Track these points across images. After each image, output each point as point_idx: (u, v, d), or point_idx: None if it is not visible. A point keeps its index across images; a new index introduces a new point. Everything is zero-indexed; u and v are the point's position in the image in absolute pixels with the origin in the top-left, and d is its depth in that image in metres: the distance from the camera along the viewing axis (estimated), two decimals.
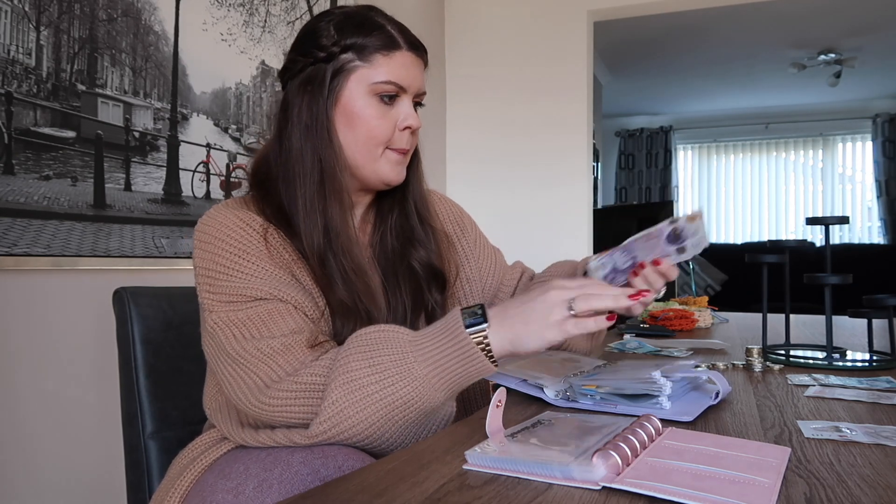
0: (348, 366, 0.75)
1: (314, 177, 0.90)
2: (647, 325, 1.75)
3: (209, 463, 0.85)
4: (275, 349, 0.79)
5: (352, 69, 0.91)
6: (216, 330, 0.81)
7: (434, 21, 3.34)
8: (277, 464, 0.72)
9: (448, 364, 0.74)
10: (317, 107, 0.91)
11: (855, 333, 1.68)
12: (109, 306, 1.06)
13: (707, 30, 4.76)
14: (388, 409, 0.74)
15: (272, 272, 0.84)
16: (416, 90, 0.94)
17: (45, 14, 1.50)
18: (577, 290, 0.76)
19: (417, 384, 0.74)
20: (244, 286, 0.82)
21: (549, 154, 3.27)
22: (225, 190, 1.99)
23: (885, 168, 6.45)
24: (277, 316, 0.81)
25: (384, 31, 0.91)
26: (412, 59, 0.93)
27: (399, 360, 0.74)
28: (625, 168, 7.36)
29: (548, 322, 0.75)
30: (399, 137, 0.93)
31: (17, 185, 1.44)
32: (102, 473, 1.57)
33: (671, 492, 0.52)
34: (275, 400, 0.77)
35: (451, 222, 1.13)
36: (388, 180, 0.95)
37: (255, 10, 2.11)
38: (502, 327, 0.75)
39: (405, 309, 0.95)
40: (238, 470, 0.75)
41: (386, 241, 1.00)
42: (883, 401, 0.89)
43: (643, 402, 0.82)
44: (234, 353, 0.79)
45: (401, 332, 0.77)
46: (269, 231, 0.88)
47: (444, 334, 0.75)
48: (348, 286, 0.87)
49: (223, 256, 0.84)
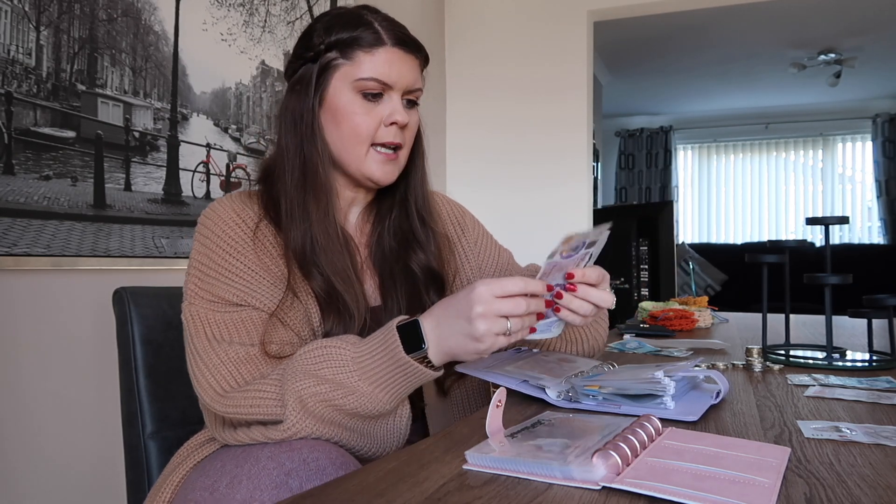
0: (296, 384, 0.78)
1: (297, 173, 0.92)
2: (647, 325, 1.75)
3: (196, 462, 0.88)
4: (239, 357, 0.84)
5: (335, 67, 0.92)
6: (190, 322, 0.87)
7: (434, 21, 3.34)
8: (248, 460, 0.76)
9: (392, 382, 0.78)
10: (303, 105, 0.93)
11: (855, 333, 1.68)
12: (109, 306, 1.06)
13: (707, 30, 4.76)
14: (341, 417, 0.79)
15: (256, 276, 0.88)
16: (405, 87, 0.93)
17: (45, 14, 1.50)
18: (489, 304, 0.75)
19: (364, 399, 0.77)
20: (226, 290, 0.87)
21: (549, 154, 3.27)
22: (225, 190, 1.99)
23: (885, 168, 6.45)
24: (250, 324, 0.86)
25: (369, 28, 0.91)
26: (399, 55, 0.92)
27: (344, 378, 0.77)
28: (625, 168, 7.36)
29: (474, 341, 0.76)
30: (385, 132, 0.93)
31: (17, 185, 1.44)
32: (102, 473, 1.57)
33: (671, 492, 0.52)
34: (229, 408, 0.81)
35: (452, 223, 1.13)
36: (375, 179, 0.94)
37: (255, 10, 2.11)
38: (441, 347, 0.77)
39: (400, 310, 0.95)
40: (215, 467, 0.78)
41: (383, 241, 1.00)
42: (883, 401, 0.89)
43: (647, 402, 0.82)
44: (202, 350, 0.85)
45: (345, 348, 0.79)
46: (261, 226, 0.91)
47: (385, 356, 0.77)
48: (327, 283, 0.89)
49: (216, 253, 0.89)
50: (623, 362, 1.15)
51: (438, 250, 1.02)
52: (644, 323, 1.81)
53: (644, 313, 1.90)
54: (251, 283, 0.88)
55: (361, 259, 0.99)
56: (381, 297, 0.98)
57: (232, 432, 0.83)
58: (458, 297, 0.78)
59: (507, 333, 0.76)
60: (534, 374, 0.91)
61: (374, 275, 1.00)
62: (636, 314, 1.98)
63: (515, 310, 0.75)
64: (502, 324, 0.75)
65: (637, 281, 2.38)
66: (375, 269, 1.00)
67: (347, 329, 0.88)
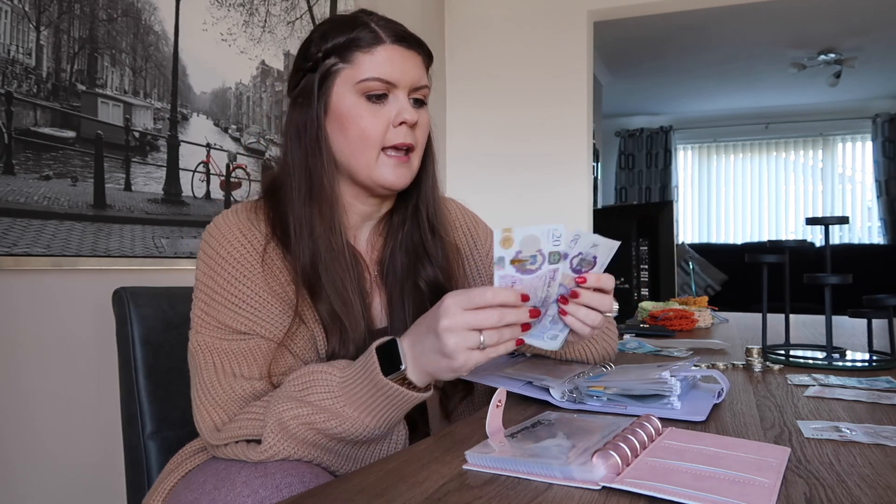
0: (279, 407, 0.76)
1: (303, 189, 0.89)
2: (647, 325, 1.75)
3: (186, 471, 0.87)
4: (246, 394, 0.82)
5: (336, 72, 0.89)
6: (197, 351, 0.85)
7: (434, 23, 3.34)
8: (225, 482, 0.74)
9: (378, 406, 0.75)
10: (306, 117, 0.90)
11: (855, 333, 1.68)
12: (109, 306, 1.06)
13: (707, 30, 4.76)
14: (326, 441, 0.76)
15: (264, 302, 0.86)
16: (410, 84, 0.90)
17: (45, 14, 1.50)
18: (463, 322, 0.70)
19: (349, 424, 0.75)
20: (233, 318, 0.85)
21: (550, 155, 3.27)
22: (225, 190, 1.99)
23: (885, 168, 6.45)
24: (258, 353, 0.84)
25: (366, 28, 0.88)
26: (400, 52, 0.89)
27: (330, 403, 0.75)
28: (625, 168, 7.36)
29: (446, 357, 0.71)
30: (395, 133, 0.89)
31: (17, 185, 1.44)
32: (102, 473, 1.57)
33: (671, 492, 0.52)
34: (221, 440, 0.80)
35: (464, 232, 1.08)
36: (387, 184, 0.90)
37: (255, 10, 2.11)
38: (418, 366, 0.74)
39: (406, 329, 0.94)
40: (198, 481, 0.77)
41: (395, 258, 0.97)
42: (883, 401, 0.89)
43: (653, 402, 0.82)
44: (208, 381, 0.83)
45: (332, 373, 0.77)
46: (268, 248, 0.89)
47: (365, 380, 0.75)
48: (329, 304, 0.87)
49: (223, 277, 0.86)
50: (623, 362, 1.15)
51: (447, 261, 0.98)
52: (644, 323, 1.81)
53: (644, 313, 1.90)
54: (259, 310, 0.85)
55: (371, 277, 0.96)
56: (388, 317, 0.96)
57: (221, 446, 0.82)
58: (430, 311, 0.74)
59: (480, 347, 0.70)
60: (536, 376, 0.91)
61: (384, 293, 0.97)
62: (636, 314, 1.98)
63: (486, 321, 0.69)
64: (473, 338, 0.69)
65: (637, 281, 2.38)
66: (384, 288, 0.97)
67: (349, 351, 0.86)
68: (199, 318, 0.86)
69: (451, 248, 1.00)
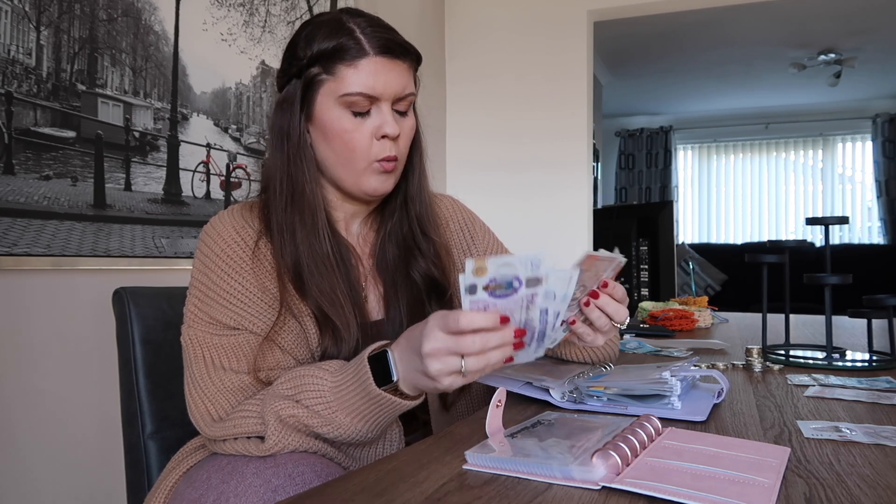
0: (275, 405, 0.77)
1: (285, 193, 0.90)
2: (647, 325, 1.75)
3: (186, 469, 0.88)
4: (234, 386, 0.83)
5: (319, 83, 0.88)
6: (189, 346, 0.87)
7: (434, 24, 3.34)
8: (233, 475, 0.75)
9: (370, 413, 0.76)
10: (289, 124, 0.91)
11: (855, 333, 1.68)
12: (109, 306, 1.06)
13: (707, 30, 4.76)
14: (322, 444, 0.79)
15: (254, 297, 0.87)
16: (393, 95, 0.89)
17: (45, 14, 1.50)
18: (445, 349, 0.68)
19: (342, 429, 0.76)
20: (223, 313, 0.86)
21: (550, 156, 3.27)
22: (225, 190, 1.99)
23: (884, 168, 6.45)
24: (247, 348, 0.85)
25: (351, 38, 0.86)
26: (384, 63, 0.87)
27: (322, 409, 0.76)
28: (625, 168, 7.36)
29: (430, 379, 0.70)
30: (380, 148, 0.89)
31: (17, 185, 1.44)
32: (102, 473, 1.57)
33: (671, 492, 0.52)
34: (217, 433, 0.81)
35: (461, 228, 1.08)
36: (372, 192, 0.92)
37: (255, 10, 2.11)
38: (407, 381, 0.74)
39: (402, 323, 0.94)
40: (202, 478, 0.78)
41: (386, 249, 0.98)
42: (882, 401, 0.89)
43: (653, 402, 0.82)
44: (199, 376, 0.85)
45: (324, 378, 0.78)
46: (259, 243, 0.90)
47: (358, 389, 0.75)
48: (317, 304, 0.87)
49: (215, 273, 0.88)
50: (623, 362, 1.15)
51: (439, 258, 0.99)
52: (644, 323, 1.81)
53: (644, 313, 1.90)
54: (248, 305, 0.87)
55: (365, 270, 0.97)
56: (384, 308, 0.96)
57: (219, 442, 0.83)
58: (417, 328, 0.72)
59: (461, 373, 0.68)
60: (536, 376, 0.91)
61: (379, 284, 0.97)
62: (636, 314, 1.98)
63: (469, 348, 0.66)
64: (454, 363, 0.67)
65: (637, 281, 2.38)
66: (380, 279, 0.97)
67: (340, 350, 0.87)
68: (192, 313, 0.88)
69: (440, 247, 1.00)
